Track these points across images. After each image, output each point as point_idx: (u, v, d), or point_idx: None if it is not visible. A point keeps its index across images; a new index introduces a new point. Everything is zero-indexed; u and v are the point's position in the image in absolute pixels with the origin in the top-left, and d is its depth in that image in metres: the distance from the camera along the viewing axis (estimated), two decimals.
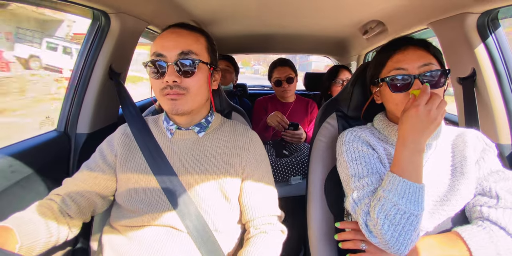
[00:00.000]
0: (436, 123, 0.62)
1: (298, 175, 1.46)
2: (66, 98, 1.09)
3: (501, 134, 0.93)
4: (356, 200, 0.68)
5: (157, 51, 0.71)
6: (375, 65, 0.77)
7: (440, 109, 0.63)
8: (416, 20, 1.20)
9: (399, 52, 0.72)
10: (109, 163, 0.79)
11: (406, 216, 0.59)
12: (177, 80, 0.70)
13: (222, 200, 0.75)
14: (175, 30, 0.75)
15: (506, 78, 0.92)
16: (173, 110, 0.72)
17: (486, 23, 0.92)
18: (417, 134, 0.63)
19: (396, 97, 0.71)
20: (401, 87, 0.70)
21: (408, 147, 0.63)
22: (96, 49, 1.07)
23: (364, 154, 0.73)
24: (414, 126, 0.63)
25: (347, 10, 1.37)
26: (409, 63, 0.69)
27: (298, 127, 1.57)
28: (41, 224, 0.65)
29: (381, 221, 0.60)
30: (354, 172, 0.71)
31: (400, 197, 0.60)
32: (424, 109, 0.62)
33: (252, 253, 0.69)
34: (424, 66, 0.69)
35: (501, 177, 0.69)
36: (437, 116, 0.62)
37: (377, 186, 0.68)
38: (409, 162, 0.63)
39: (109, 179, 0.78)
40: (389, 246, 0.60)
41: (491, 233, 0.62)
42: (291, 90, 1.81)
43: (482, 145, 0.73)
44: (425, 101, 0.63)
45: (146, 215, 0.71)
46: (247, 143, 0.81)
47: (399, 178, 0.62)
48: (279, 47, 2.47)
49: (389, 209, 0.60)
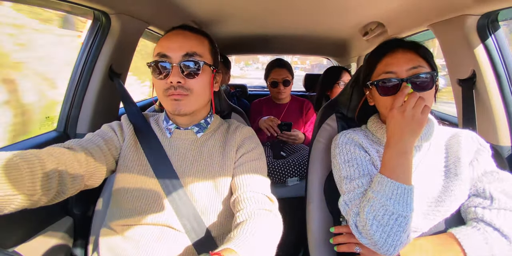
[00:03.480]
0: (415, 122, 0.64)
1: (295, 176, 1.46)
2: (66, 99, 1.09)
3: (500, 136, 0.93)
4: (347, 202, 0.69)
5: (162, 52, 0.72)
6: (366, 68, 0.78)
7: (418, 107, 0.64)
8: (416, 22, 1.21)
9: (388, 55, 0.72)
10: (112, 145, 0.75)
11: (394, 217, 0.60)
12: (181, 81, 0.71)
13: (219, 199, 0.75)
14: (180, 31, 0.76)
15: (506, 80, 0.92)
16: (175, 110, 0.72)
17: (486, 25, 0.92)
18: (401, 136, 0.64)
19: (385, 100, 0.72)
20: (389, 90, 0.71)
21: (394, 149, 0.64)
22: (96, 50, 1.07)
23: (356, 156, 0.74)
24: (398, 128, 0.65)
25: (347, 12, 1.37)
26: (397, 66, 0.70)
27: (291, 126, 1.59)
28: (27, 175, 0.51)
29: (369, 222, 0.61)
30: (346, 174, 0.72)
31: (388, 198, 0.61)
32: (397, 111, 0.65)
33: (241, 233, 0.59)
34: (412, 69, 0.69)
35: (495, 178, 0.69)
36: (414, 115, 0.64)
37: (368, 187, 0.68)
38: (397, 164, 0.63)
39: (101, 162, 0.70)
40: (378, 247, 0.60)
41: (486, 234, 0.62)
42: (286, 92, 1.82)
43: (476, 146, 0.73)
44: (399, 103, 0.65)
45: (143, 213, 0.71)
46: (239, 137, 0.82)
47: (387, 179, 0.62)
48: (279, 48, 2.48)
49: (377, 210, 0.61)
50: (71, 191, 0.62)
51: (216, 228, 0.73)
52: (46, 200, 0.57)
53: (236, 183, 0.74)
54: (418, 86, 0.68)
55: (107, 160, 0.73)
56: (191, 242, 0.70)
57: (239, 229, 0.59)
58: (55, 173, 0.57)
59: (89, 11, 1.02)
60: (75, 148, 0.66)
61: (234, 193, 0.73)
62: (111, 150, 0.75)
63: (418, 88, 0.68)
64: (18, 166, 0.51)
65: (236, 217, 0.67)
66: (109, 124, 0.81)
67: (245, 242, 0.55)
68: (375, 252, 0.65)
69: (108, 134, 0.77)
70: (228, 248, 0.52)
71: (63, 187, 0.59)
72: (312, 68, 24.42)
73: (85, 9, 0.98)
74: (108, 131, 0.78)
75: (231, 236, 0.58)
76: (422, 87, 0.69)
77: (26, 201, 0.52)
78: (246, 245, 0.54)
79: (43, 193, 0.54)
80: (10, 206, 0.50)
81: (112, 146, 0.76)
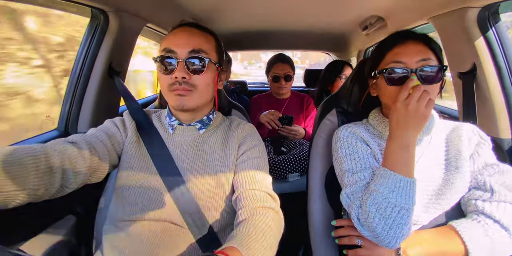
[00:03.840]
0: (419, 116, 0.64)
1: (295, 172, 1.47)
2: (66, 97, 1.09)
3: (501, 129, 0.93)
4: (349, 195, 0.69)
5: (168, 47, 0.73)
6: (374, 57, 0.78)
7: (422, 100, 0.64)
8: (416, 15, 1.20)
9: (398, 45, 0.71)
10: (115, 140, 0.76)
11: (396, 210, 0.60)
12: (186, 77, 0.71)
13: (221, 195, 0.75)
14: (187, 28, 0.77)
15: (506, 73, 0.92)
16: (179, 105, 0.73)
17: (486, 17, 0.91)
18: (404, 129, 0.64)
19: (391, 90, 0.71)
20: (397, 80, 0.70)
21: (396, 142, 0.65)
22: (95, 48, 1.07)
23: (358, 150, 0.74)
24: (402, 121, 0.64)
25: (347, 6, 1.36)
26: (407, 57, 0.69)
27: (292, 120, 1.58)
28: (32, 170, 0.52)
29: (372, 214, 0.61)
30: (348, 167, 0.73)
31: (390, 190, 0.61)
32: (401, 104, 0.65)
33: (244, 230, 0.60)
34: (422, 61, 0.68)
35: (496, 170, 0.69)
36: (417, 108, 0.63)
37: (369, 181, 0.69)
38: (399, 156, 0.64)
39: (105, 157, 0.71)
40: (380, 239, 0.61)
41: (486, 227, 0.63)
42: (287, 87, 1.82)
43: (477, 139, 0.74)
44: (404, 96, 0.65)
45: (145, 209, 0.72)
46: (241, 133, 0.82)
47: (390, 172, 0.63)
48: (279, 44, 2.46)
49: (380, 202, 0.61)
50: (74, 185, 0.62)
51: (218, 224, 0.74)
52: (50, 194, 0.58)
53: (238, 181, 0.74)
54: (425, 78, 0.68)
55: (110, 155, 0.73)
56: (194, 237, 0.71)
57: (241, 227, 0.60)
58: (59, 168, 0.57)
59: (87, 9, 1.02)
60: (79, 142, 0.67)
61: (236, 191, 0.74)
62: (114, 145, 0.75)
63: (425, 81, 0.68)
64: (23, 161, 0.51)
65: (238, 215, 0.68)
66: (112, 119, 0.82)
67: (247, 241, 0.56)
68: (376, 245, 0.66)
69: (111, 130, 0.78)
70: (231, 246, 0.53)
71: (66, 181, 0.60)
72: (311, 67, 25.20)
73: (82, 7, 0.97)
74: (111, 127, 0.79)
75: (233, 235, 0.59)
76: (429, 80, 0.68)
77: (31, 196, 0.53)
78: (249, 243, 0.55)
79: (46, 188, 0.55)
80: (15, 201, 0.51)
81: (115, 142, 0.76)
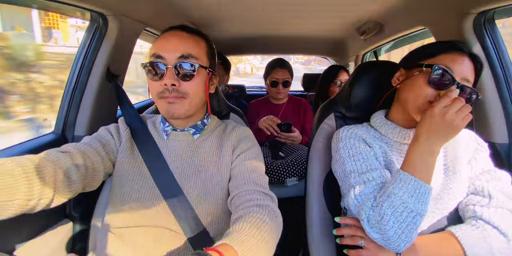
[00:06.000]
0: (453, 127, 0.60)
1: (293, 176, 1.46)
2: (63, 100, 1.09)
3: (498, 134, 0.93)
4: (357, 195, 0.67)
5: (157, 53, 0.71)
6: (430, 49, 0.72)
7: (460, 113, 0.60)
8: (413, 21, 1.21)
9: (458, 54, 0.68)
10: (109, 149, 0.76)
11: (412, 215, 0.59)
12: (175, 84, 0.70)
13: (216, 200, 0.75)
14: (176, 32, 0.74)
15: (502, 78, 0.92)
16: (169, 113, 0.72)
17: (482, 23, 0.93)
18: (430, 136, 0.61)
19: (427, 90, 0.67)
20: (438, 83, 0.66)
21: (419, 147, 0.62)
22: (93, 51, 1.07)
23: (361, 151, 0.72)
24: (434, 128, 0.61)
25: (344, 11, 1.37)
26: (459, 71, 0.66)
27: (290, 127, 1.58)
28: (22, 181, 0.52)
29: (387, 217, 0.60)
30: (352, 168, 0.71)
31: (410, 195, 0.60)
32: (439, 111, 0.60)
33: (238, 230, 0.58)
34: (466, 80, 0.67)
35: (493, 176, 0.69)
36: (454, 119, 0.59)
37: (379, 181, 0.67)
38: (422, 162, 0.62)
39: (99, 165, 0.71)
40: (390, 242, 0.60)
41: (485, 233, 0.63)
42: (285, 92, 1.82)
43: (475, 145, 0.74)
44: (445, 104, 0.61)
45: (141, 215, 0.71)
46: (235, 137, 0.81)
47: (411, 177, 0.61)
48: (277, 48, 2.48)
49: (397, 206, 0.60)
50: (69, 195, 0.62)
51: (214, 229, 0.73)
52: (44, 204, 0.57)
53: (234, 183, 0.73)
54: (462, 97, 0.65)
55: (104, 163, 0.73)
56: (190, 243, 0.70)
57: (236, 225, 0.58)
58: (52, 178, 0.57)
59: (86, 13, 1.02)
60: (73, 152, 0.66)
61: (231, 193, 0.72)
62: (108, 153, 0.75)
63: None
64: (13, 172, 0.51)
65: (233, 214, 0.66)
66: (107, 127, 0.81)
67: (241, 236, 0.54)
68: (380, 247, 0.65)
69: (105, 138, 0.77)
70: (223, 243, 0.51)
71: (61, 191, 0.59)
72: (307, 62, 28.77)
73: (82, 11, 0.98)
74: (105, 135, 0.78)
75: (227, 232, 0.57)
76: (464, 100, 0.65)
77: (24, 207, 0.52)
78: (242, 238, 0.53)
79: (40, 198, 0.55)
80: (7, 212, 0.50)
81: (109, 150, 0.75)
